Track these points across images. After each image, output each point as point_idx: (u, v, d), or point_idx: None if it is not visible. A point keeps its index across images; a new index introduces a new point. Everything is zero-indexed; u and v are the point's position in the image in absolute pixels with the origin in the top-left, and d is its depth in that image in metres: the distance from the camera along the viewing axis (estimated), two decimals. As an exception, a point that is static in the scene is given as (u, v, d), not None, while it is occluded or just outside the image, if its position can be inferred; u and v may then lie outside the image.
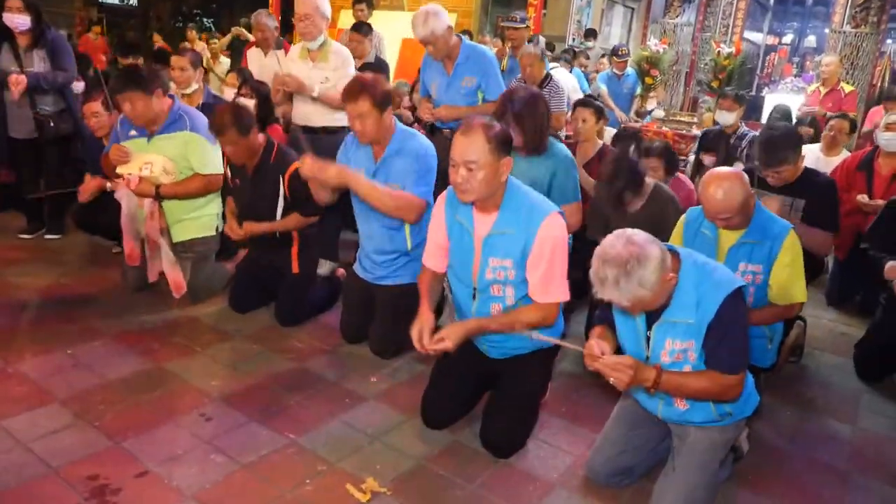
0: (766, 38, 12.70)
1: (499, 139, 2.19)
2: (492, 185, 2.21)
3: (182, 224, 3.55)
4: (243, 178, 3.41)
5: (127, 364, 2.88)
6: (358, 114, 2.82)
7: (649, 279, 1.78)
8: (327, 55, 3.99)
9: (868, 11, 9.43)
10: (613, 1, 11.33)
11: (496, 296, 2.36)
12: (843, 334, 3.89)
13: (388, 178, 2.93)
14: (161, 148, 3.39)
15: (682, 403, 2.06)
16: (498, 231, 2.27)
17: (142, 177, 3.33)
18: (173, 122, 3.41)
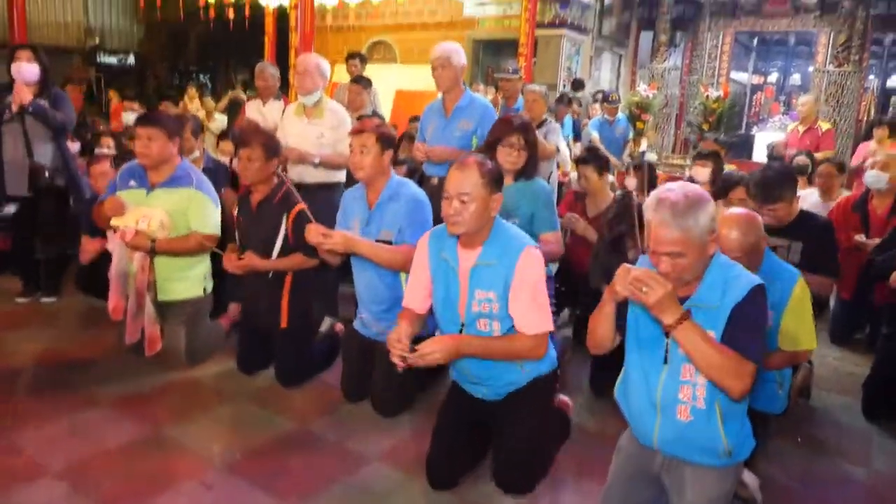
0: (752, 77, 12.96)
1: (492, 175, 2.31)
2: (482, 219, 2.30)
3: (171, 283, 3.49)
4: (247, 215, 3.40)
5: (125, 431, 2.83)
6: (361, 145, 2.94)
7: (704, 222, 1.79)
8: (323, 112, 4.04)
9: (849, 50, 9.65)
10: (601, 48, 11.57)
11: (483, 331, 2.38)
12: (850, 374, 3.85)
13: (383, 225, 2.98)
14: (161, 201, 3.35)
15: (684, 413, 1.92)
16: (483, 262, 2.34)
17: (138, 230, 3.29)
18: (179, 177, 3.39)
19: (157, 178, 3.38)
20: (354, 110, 5.10)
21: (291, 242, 3.30)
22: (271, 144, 3.31)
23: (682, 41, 12.35)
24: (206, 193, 3.43)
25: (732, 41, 11.92)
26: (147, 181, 3.40)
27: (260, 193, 3.35)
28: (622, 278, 1.82)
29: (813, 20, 10.99)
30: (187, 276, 3.53)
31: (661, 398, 1.94)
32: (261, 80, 5.30)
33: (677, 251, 1.80)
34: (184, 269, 3.51)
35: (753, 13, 11.53)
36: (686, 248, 1.80)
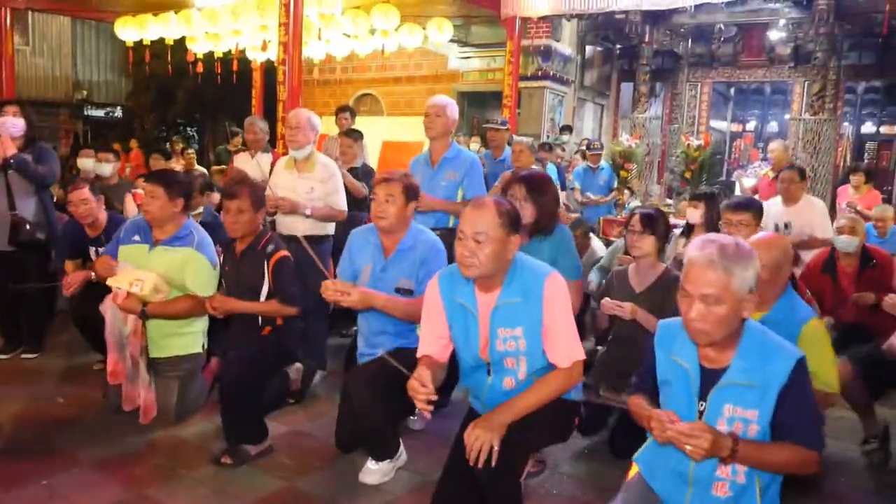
0: (731, 125, 13.27)
1: (510, 216, 2.20)
2: (498, 261, 2.18)
3: (170, 339, 3.44)
4: (232, 264, 3.37)
5: (107, 493, 2.72)
6: (388, 194, 2.91)
7: (749, 275, 1.74)
8: (314, 166, 4.06)
9: (824, 99, 9.92)
10: (583, 98, 11.81)
11: (510, 369, 2.29)
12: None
13: (402, 274, 2.93)
14: (162, 259, 3.33)
15: (722, 489, 1.82)
16: (504, 302, 2.23)
17: (129, 292, 3.24)
18: (182, 237, 3.37)
19: (160, 235, 3.38)
20: (346, 163, 5.13)
21: (272, 288, 3.26)
22: (259, 195, 3.31)
23: (661, 91, 12.68)
24: (206, 255, 3.39)
25: (711, 91, 12.25)
26: (151, 237, 3.39)
27: (244, 243, 3.33)
28: (659, 428, 1.74)
29: (787, 71, 11.35)
30: (187, 331, 3.48)
31: (695, 472, 1.85)
32: (250, 133, 5.35)
33: (715, 296, 1.73)
34: (183, 325, 3.45)
35: (730, 64, 11.89)
36: (725, 295, 1.73)
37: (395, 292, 2.93)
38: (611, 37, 11.72)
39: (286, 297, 3.25)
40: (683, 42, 11.98)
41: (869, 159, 11.67)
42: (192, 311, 3.39)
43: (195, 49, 9.25)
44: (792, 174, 5.12)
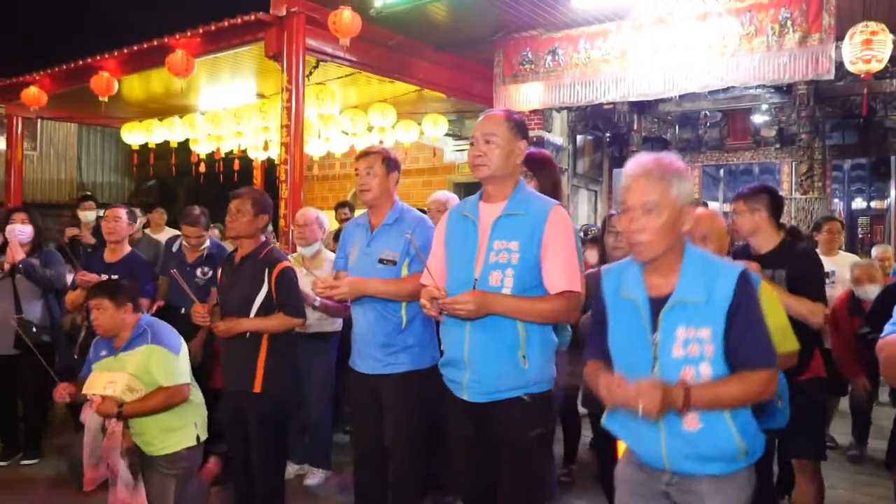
0: (723, 205, 13.52)
1: (517, 122, 2.35)
2: (507, 164, 2.30)
3: (165, 437, 3.33)
4: (229, 273, 3.29)
5: None
6: (367, 167, 2.90)
7: (682, 188, 1.77)
8: (322, 262, 4.12)
9: (812, 178, 10.14)
10: (577, 186, 12.09)
11: (494, 286, 2.24)
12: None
13: (387, 246, 2.88)
14: (125, 364, 3.27)
15: (693, 423, 1.78)
16: (508, 213, 2.28)
17: (104, 396, 3.17)
18: (136, 336, 3.31)
19: (118, 343, 3.33)
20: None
21: (275, 299, 3.17)
22: (262, 201, 3.27)
23: (653, 176, 12.96)
24: (164, 345, 3.31)
25: (701, 173, 12.55)
26: (113, 347, 3.34)
27: (244, 249, 3.26)
28: (607, 391, 1.77)
29: (774, 152, 11.67)
30: (180, 425, 3.37)
31: (664, 420, 1.79)
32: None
33: (654, 202, 1.76)
34: (175, 419, 3.35)
35: (717, 148, 12.23)
36: (664, 202, 1.76)
37: (379, 263, 2.86)
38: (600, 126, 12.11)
39: (292, 308, 3.17)
40: (671, 128, 12.37)
41: (863, 234, 11.83)
42: (168, 403, 3.28)
43: (198, 150, 9.56)
44: (835, 225, 5.23)
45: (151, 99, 8.57)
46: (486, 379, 2.27)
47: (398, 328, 2.84)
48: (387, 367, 2.85)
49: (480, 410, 2.31)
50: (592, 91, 6.96)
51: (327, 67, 6.74)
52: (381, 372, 2.86)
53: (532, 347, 2.26)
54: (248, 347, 3.16)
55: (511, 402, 2.26)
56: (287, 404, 3.36)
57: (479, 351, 2.27)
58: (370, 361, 2.89)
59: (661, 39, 6.45)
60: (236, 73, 7.44)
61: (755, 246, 3.19)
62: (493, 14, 6.65)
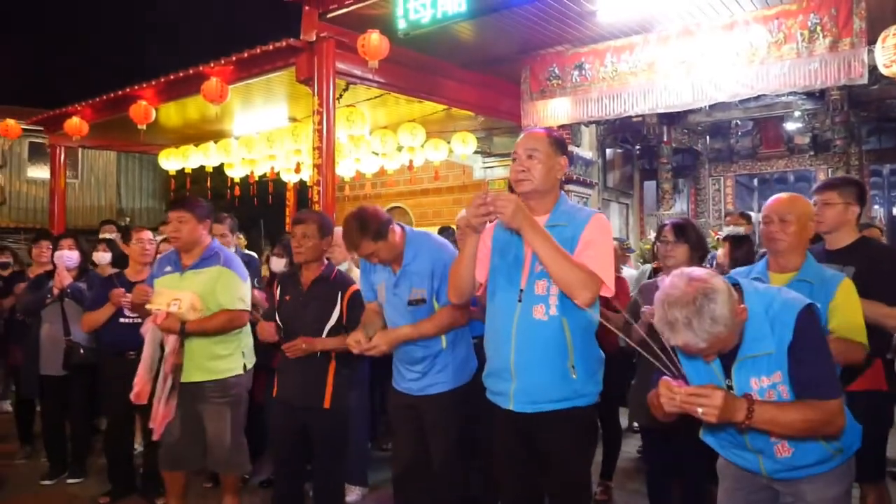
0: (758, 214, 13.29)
1: (557, 139, 2.41)
2: (548, 179, 2.35)
3: (214, 363, 3.43)
4: (296, 294, 3.35)
5: None
6: (370, 253, 2.84)
7: (722, 313, 1.71)
8: (352, 280, 4.19)
9: (849, 184, 9.94)
10: (608, 199, 12.03)
11: (540, 294, 2.27)
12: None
13: (413, 284, 2.87)
14: (192, 282, 3.39)
15: (784, 450, 1.86)
16: (551, 224, 2.32)
17: (169, 312, 3.29)
18: (208, 257, 3.45)
19: (188, 260, 3.46)
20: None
21: (345, 322, 3.26)
22: (326, 224, 3.34)
23: (685, 187, 12.85)
24: (235, 270, 3.46)
25: (734, 184, 12.39)
26: (180, 265, 3.47)
27: (312, 272, 3.33)
28: (668, 398, 1.77)
29: (808, 159, 11.45)
30: (229, 353, 3.48)
31: (753, 446, 1.91)
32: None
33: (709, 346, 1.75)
34: (225, 346, 3.46)
35: (750, 157, 12.07)
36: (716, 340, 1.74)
37: (409, 305, 2.86)
38: (630, 138, 12.07)
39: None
40: (701, 139, 12.26)
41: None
42: (228, 326, 3.41)
43: (233, 174, 9.76)
44: (874, 232, 5.06)
45: (188, 125, 8.81)
46: (532, 388, 2.29)
47: (438, 350, 2.88)
48: (428, 388, 2.89)
49: (526, 422, 2.32)
50: (620, 104, 6.95)
51: (357, 90, 6.86)
52: (422, 393, 2.91)
53: (580, 358, 2.28)
54: (318, 365, 3.26)
55: (557, 413, 2.28)
56: (348, 419, 3.45)
57: (526, 359, 2.28)
58: (411, 382, 2.94)
59: (689, 50, 6.44)
60: (269, 98, 7.62)
61: (831, 241, 2.99)
62: (519, 32, 6.70)
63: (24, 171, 16.70)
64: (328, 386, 3.25)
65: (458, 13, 5.71)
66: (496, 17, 6.15)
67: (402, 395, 2.98)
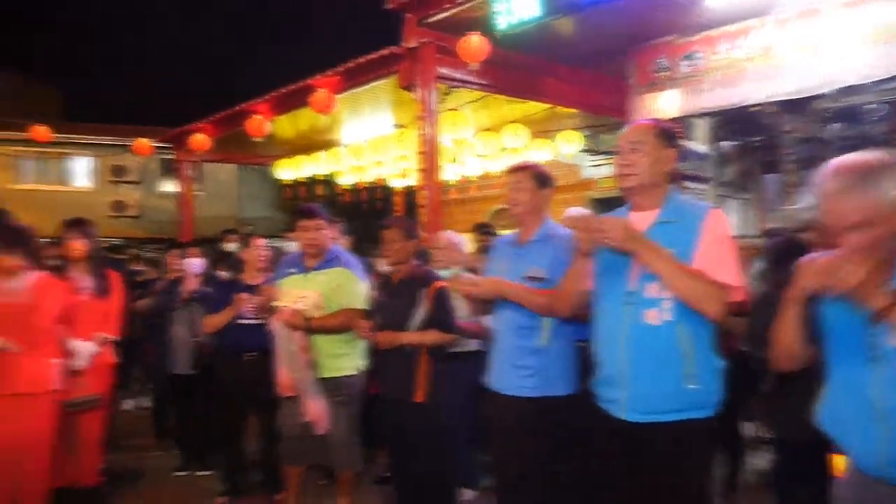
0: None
1: (664, 130, 2.26)
2: (655, 173, 2.20)
3: (332, 361, 3.65)
4: (385, 293, 3.55)
5: None
6: (517, 181, 2.86)
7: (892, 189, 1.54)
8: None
9: None
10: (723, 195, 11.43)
11: (652, 298, 2.14)
12: None
13: (532, 262, 2.78)
14: (315, 283, 3.64)
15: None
16: (662, 221, 2.19)
17: (294, 309, 3.51)
18: (330, 259, 3.73)
19: (312, 262, 3.72)
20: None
21: (429, 317, 3.35)
22: (409, 227, 3.58)
23: (810, 179, 11.97)
24: (355, 271, 3.72)
25: (867, 174, 11.42)
26: (303, 266, 3.73)
27: (401, 273, 3.51)
28: (809, 270, 1.61)
29: (955, 144, 10.38)
30: (346, 352, 3.69)
31: (882, 404, 1.58)
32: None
33: (866, 221, 1.56)
34: (343, 345, 3.67)
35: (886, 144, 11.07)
36: (876, 216, 1.56)
37: (525, 280, 2.76)
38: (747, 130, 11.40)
39: (445, 325, 3.36)
40: (829, 126, 11.38)
41: None
42: (349, 324, 3.61)
43: (342, 181, 10.10)
44: None
45: (299, 136, 9.20)
46: (646, 397, 2.16)
47: (536, 348, 2.76)
48: (517, 389, 2.78)
49: (638, 433, 2.18)
50: (736, 93, 6.58)
51: (459, 93, 6.89)
52: (511, 393, 2.81)
53: (698, 366, 2.13)
54: (409, 360, 3.35)
55: (673, 425, 2.13)
56: (447, 413, 3.48)
57: (638, 366, 2.16)
58: (502, 380, 2.86)
59: (810, 31, 5.99)
60: (374, 105, 7.81)
61: None
62: (624, 24, 6.49)
63: (156, 186, 18.11)
64: (419, 380, 3.33)
65: (557, 9, 5.60)
66: (599, 11, 5.98)
67: (493, 394, 2.89)
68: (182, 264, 4.96)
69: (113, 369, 4.20)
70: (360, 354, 3.75)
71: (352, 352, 3.71)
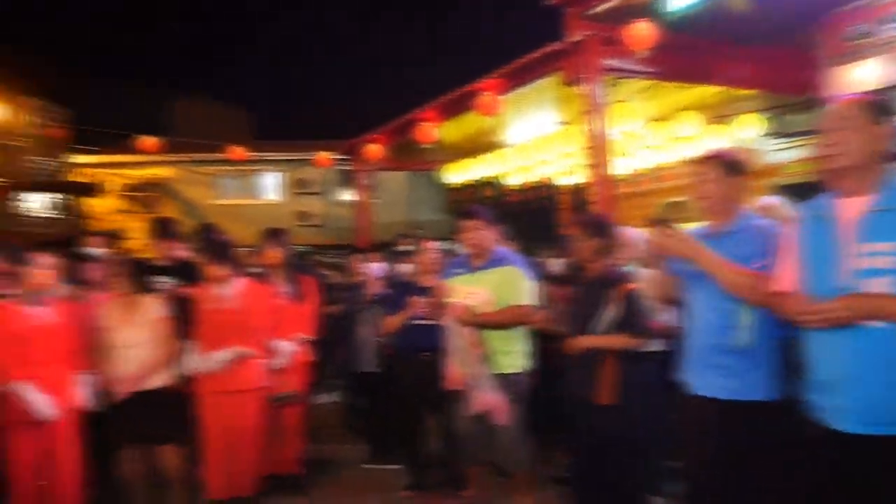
0: None
1: (873, 104, 2.04)
2: (866, 153, 1.98)
3: (497, 358, 3.69)
4: (574, 294, 3.57)
5: None
6: (702, 172, 2.68)
7: None
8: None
9: None
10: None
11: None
12: None
13: (731, 255, 2.52)
14: (483, 281, 3.74)
15: None
16: (881, 208, 1.94)
17: (465, 305, 3.63)
18: (497, 259, 3.80)
19: (478, 262, 3.82)
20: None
21: (618, 319, 3.29)
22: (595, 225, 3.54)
23: None
24: (522, 270, 3.77)
25: None
26: (471, 266, 3.84)
27: (592, 272, 3.49)
28: None
29: None
30: (511, 350, 3.74)
31: None
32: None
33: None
34: (508, 343, 3.72)
35: None
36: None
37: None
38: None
39: (635, 328, 3.28)
40: None
41: None
42: (518, 320, 3.69)
43: (509, 182, 10.17)
44: None
45: (465, 140, 9.40)
46: (874, 406, 1.92)
47: (736, 343, 2.53)
48: (713, 390, 2.57)
49: (860, 446, 1.94)
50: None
51: (626, 83, 6.68)
52: (706, 393, 2.60)
53: None
54: (594, 361, 3.32)
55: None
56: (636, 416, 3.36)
57: (866, 371, 1.93)
58: (697, 380, 2.67)
59: None
60: (538, 104, 7.78)
61: None
62: (809, -9, 5.92)
63: (334, 195, 19.44)
64: (604, 382, 3.27)
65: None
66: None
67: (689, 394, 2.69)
68: (364, 268, 5.27)
69: (310, 367, 4.56)
70: (526, 354, 3.80)
71: (518, 350, 3.76)
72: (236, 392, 4.03)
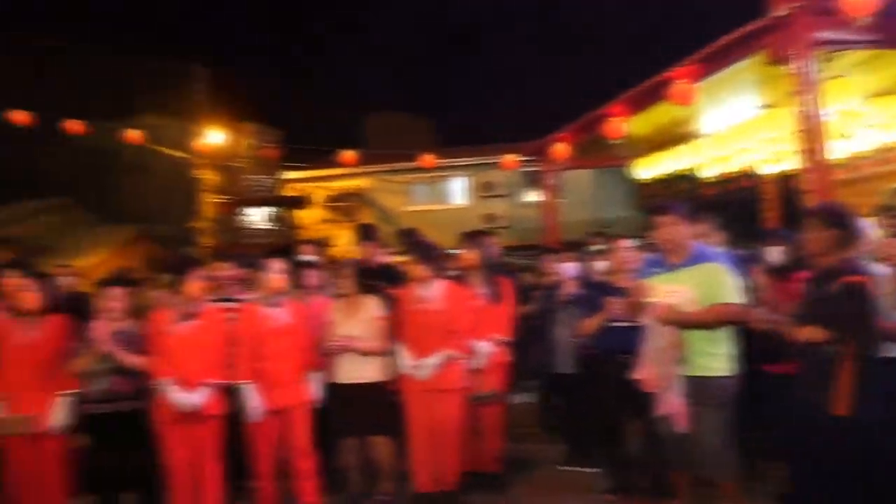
0: None
1: None
2: None
3: (699, 359, 3.52)
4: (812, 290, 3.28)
5: None
6: None
7: None
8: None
9: None
10: None
11: None
12: None
13: None
14: (684, 279, 3.57)
15: None
16: None
17: (667, 304, 3.49)
18: (697, 256, 3.62)
19: (676, 259, 3.65)
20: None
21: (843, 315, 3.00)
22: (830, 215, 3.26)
23: None
24: (725, 266, 3.57)
25: None
26: (668, 264, 3.68)
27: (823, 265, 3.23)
28: None
29: None
30: (716, 352, 3.55)
31: None
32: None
33: None
34: (712, 344, 3.54)
35: None
36: None
37: None
38: None
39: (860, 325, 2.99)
40: None
41: None
42: (724, 319, 3.49)
43: (705, 174, 9.59)
44: None
45: (656, 132, 9.02)
46: None
47: None
48: None
49: None
50: None
51: (841, 57, 6.02)
52: None
53: None
54: (830, 363, 3.02)
55: None
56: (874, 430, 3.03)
57: None
58: None
59: None
60: (737, 88, 7.26)
61: None
62: None
63: (519, 197, 19.65)
64: (841, 389, 2.94)
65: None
66: None
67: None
68: (557, 269, 5.25)
69: (507, 368, 4.64)
70: (731, 357, 3.56)
71: (723, 352, 3.54)
72: (441, 391, 4.22)
